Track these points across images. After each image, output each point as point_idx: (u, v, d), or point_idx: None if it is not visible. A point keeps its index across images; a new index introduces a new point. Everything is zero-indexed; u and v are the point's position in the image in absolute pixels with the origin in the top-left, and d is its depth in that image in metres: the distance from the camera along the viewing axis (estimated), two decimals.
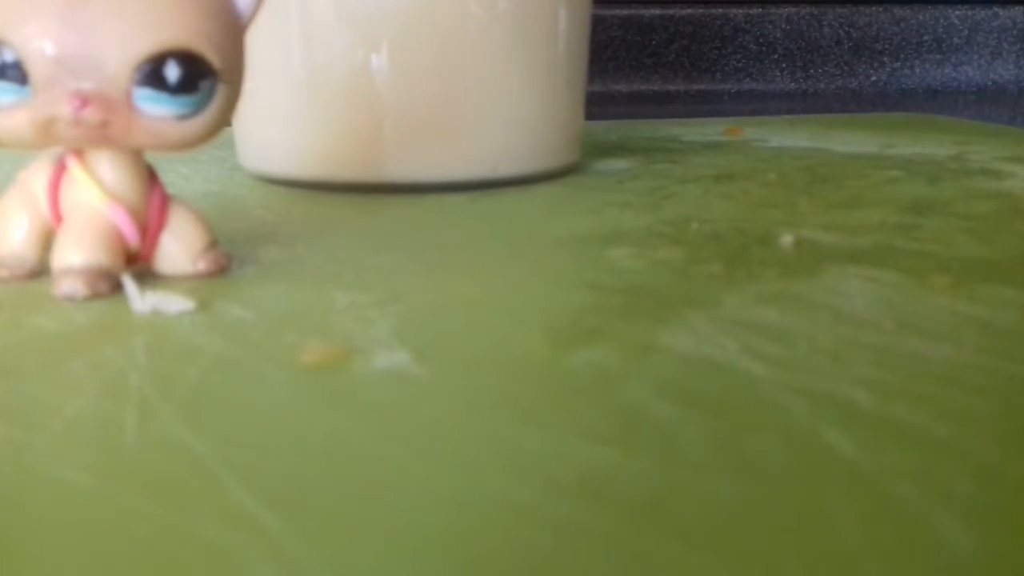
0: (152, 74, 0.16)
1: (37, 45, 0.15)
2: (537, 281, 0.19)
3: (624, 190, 0.29)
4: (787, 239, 0.21)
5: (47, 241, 0.18)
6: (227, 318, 0.16)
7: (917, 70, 0.68)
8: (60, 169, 0.17)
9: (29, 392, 0.13)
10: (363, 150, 0.28)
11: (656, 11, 0.64)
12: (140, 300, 0.16)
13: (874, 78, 0.67)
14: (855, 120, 0.51)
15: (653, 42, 0.64)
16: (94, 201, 0.17)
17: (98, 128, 0.16)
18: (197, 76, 0.16)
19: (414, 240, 0.22)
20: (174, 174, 0.30)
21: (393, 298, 0.17)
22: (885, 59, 0.67)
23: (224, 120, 0.17)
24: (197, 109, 0.16)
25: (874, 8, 0.67)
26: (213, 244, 0.18)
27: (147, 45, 0.15)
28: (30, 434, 0.12)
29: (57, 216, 0.18)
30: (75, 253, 0.17)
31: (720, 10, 0.65)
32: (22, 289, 0.18)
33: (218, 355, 0.14)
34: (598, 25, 0.45)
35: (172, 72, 0.16)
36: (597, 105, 0.44)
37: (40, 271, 0.18)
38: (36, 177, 0.18)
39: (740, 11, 0.65)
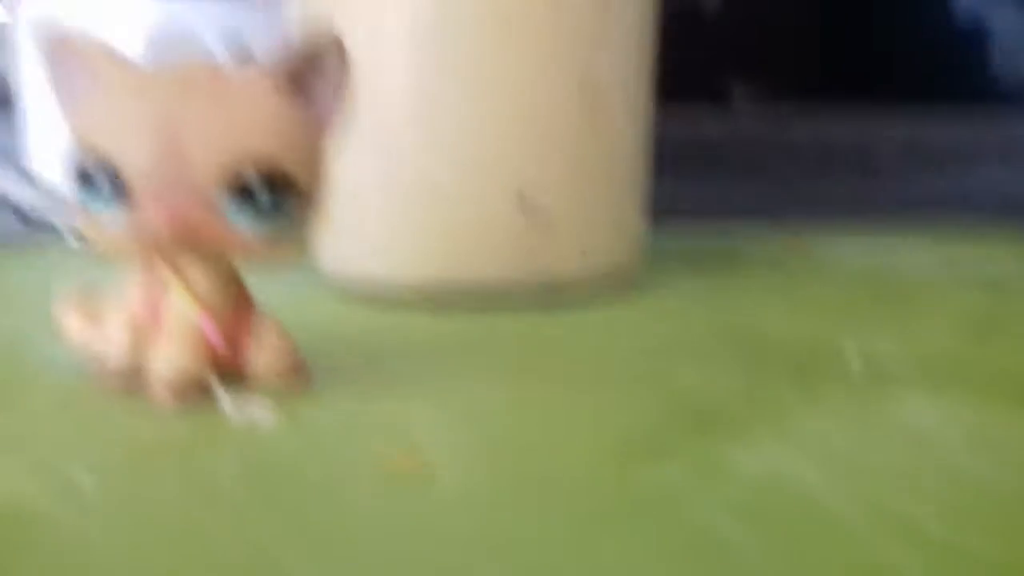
0: (239, 188, 0.16)
1: (133, 160, 0.16)
2: (606, 397, 0.19)
3: (685, 298, 0.29)
4: (853, 355, 0.22)
5: (145, 345, 0.19)
6: (311, 426, 0.17)
7: (984, 182, 0.67)
8: (155, 276, 0.18)
9: (128, 491, 0.14)
10: (431, 254, 0.29)
11: (715, 119, 0.65)
12: (229, 405, 0.17)
13: (937, 185, 0.67)
14: (918, 228, 0.51)
15: (714, 149, 0.65)
16: (186, 309, 0.18)
17: (188, 239, 0.17)
18: (282, 190, 0.17)
19: (489, 354, 0.23)
20: (256, 281, 0.31)
21: (469, 411, 0.18)
22: (951, 170, 0.67)
23: (307, 232, 0.18)
24: (282, 221, 0.17)
25: (938, 120, 0.67)
26: (296, 355, 0.19)
27: (236, 161, 0.16)
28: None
29: (153, 321, 0.18)
30: (168, 361, 0.18)
31: (779, 116, 0.66)
32: (121, 392, 0.18)
33: (302, 463, 0.15)
34: (658, 132, 0.46)
35: (258, 186, 0.17)
36: (658, 212, 0.44)
37: (139, 374, 0.19)
38: (134, 284, 0.19)
39: (799, 118, 0.66)
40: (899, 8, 0.69)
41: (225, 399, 0.17)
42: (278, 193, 0.17)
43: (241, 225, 0.17)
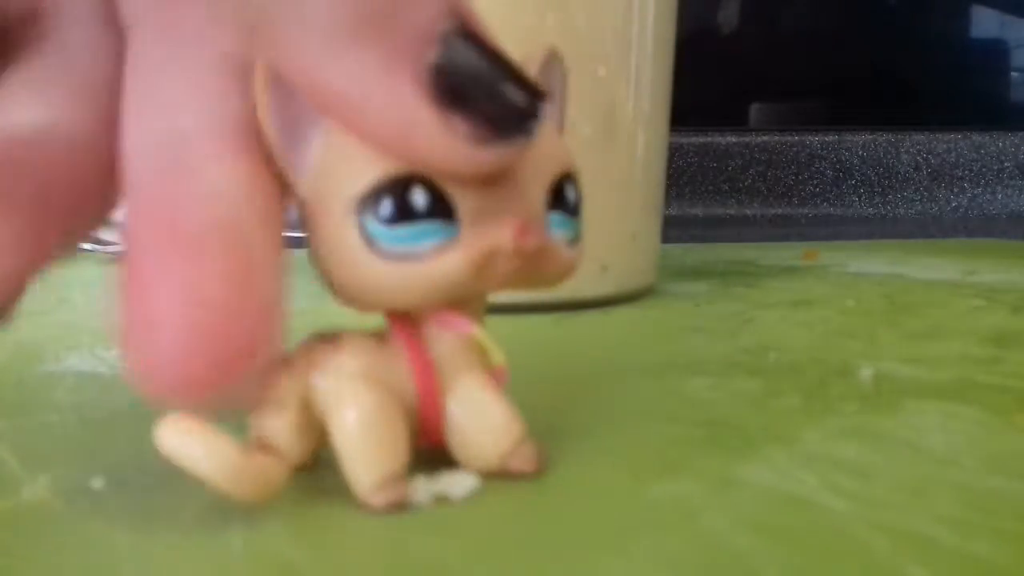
0: (559, 196, 0.14)
1: (463, 181, 0.13)
2: (618, 411, 0.19)
3: (701, 314, 0.30)
4: (866, 372, 0.22)
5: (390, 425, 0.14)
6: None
7: (1000, 196, 0.67)
8: (417, 343, 0.15)
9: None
10: None
11: (732, 139, 0.66)
12: (424, 489, 0.14)
13: (954, 204, 0.67)
14: (935, 245, 0.51)
15: (729, 167, 0.65)
16: (498, 360, 0.15)
17: (534, 258, 0.14)
18: (579, 195, 0.15)
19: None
20: None
21: None
22: (966, 185, 0.67)
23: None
24: (578, 233, 0.15)
25: (952, 135, 0.67)
26: None
27: (555, 167, 0.14)
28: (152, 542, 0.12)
29: (433, 405, 0.14)
30: (505, 430, 0.15)
31: (796, 137, 0.66)
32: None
33: (314, 477, 0.15)
34: (675, 151, 0.46)
35: (571, 193, 0.15)
36: (674, 228, 0.45)
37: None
38: (382, 367, 0.14)
39: (816, 138, 0.66)
40: (918, 29, 0.69)
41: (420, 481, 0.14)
42: (578, 199, 0.15)
43: (559, 235, 0.14)
